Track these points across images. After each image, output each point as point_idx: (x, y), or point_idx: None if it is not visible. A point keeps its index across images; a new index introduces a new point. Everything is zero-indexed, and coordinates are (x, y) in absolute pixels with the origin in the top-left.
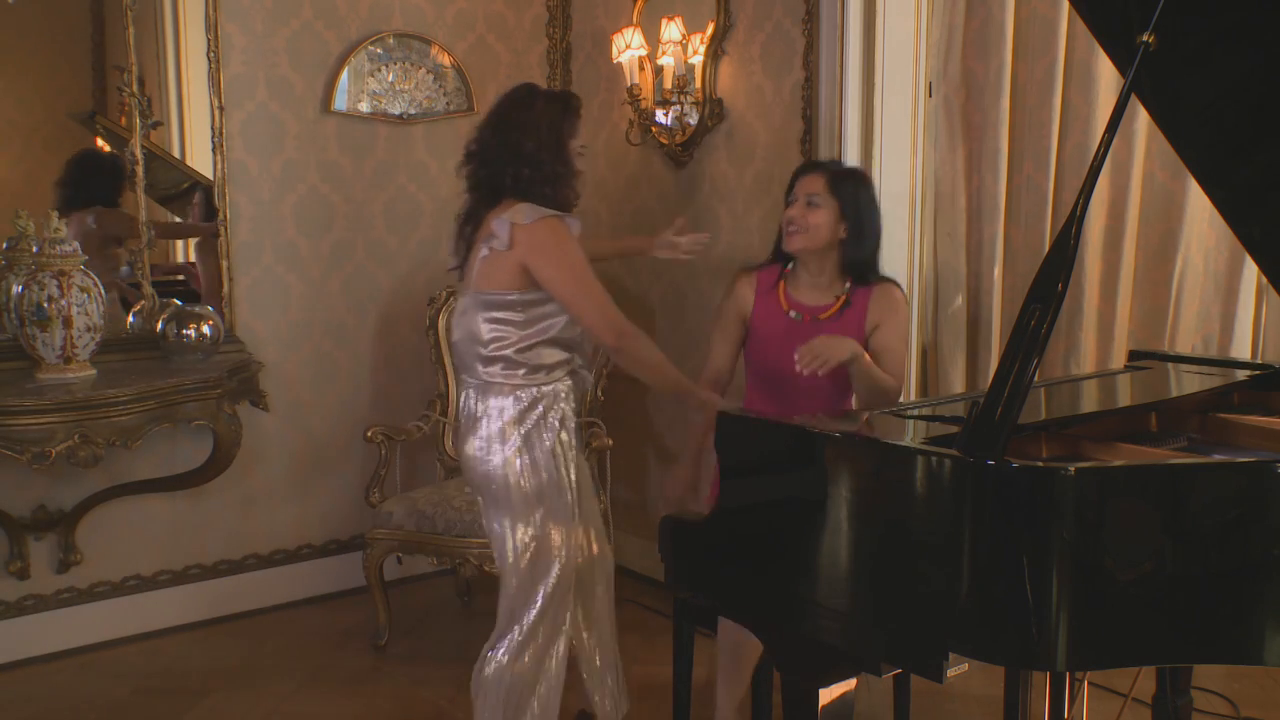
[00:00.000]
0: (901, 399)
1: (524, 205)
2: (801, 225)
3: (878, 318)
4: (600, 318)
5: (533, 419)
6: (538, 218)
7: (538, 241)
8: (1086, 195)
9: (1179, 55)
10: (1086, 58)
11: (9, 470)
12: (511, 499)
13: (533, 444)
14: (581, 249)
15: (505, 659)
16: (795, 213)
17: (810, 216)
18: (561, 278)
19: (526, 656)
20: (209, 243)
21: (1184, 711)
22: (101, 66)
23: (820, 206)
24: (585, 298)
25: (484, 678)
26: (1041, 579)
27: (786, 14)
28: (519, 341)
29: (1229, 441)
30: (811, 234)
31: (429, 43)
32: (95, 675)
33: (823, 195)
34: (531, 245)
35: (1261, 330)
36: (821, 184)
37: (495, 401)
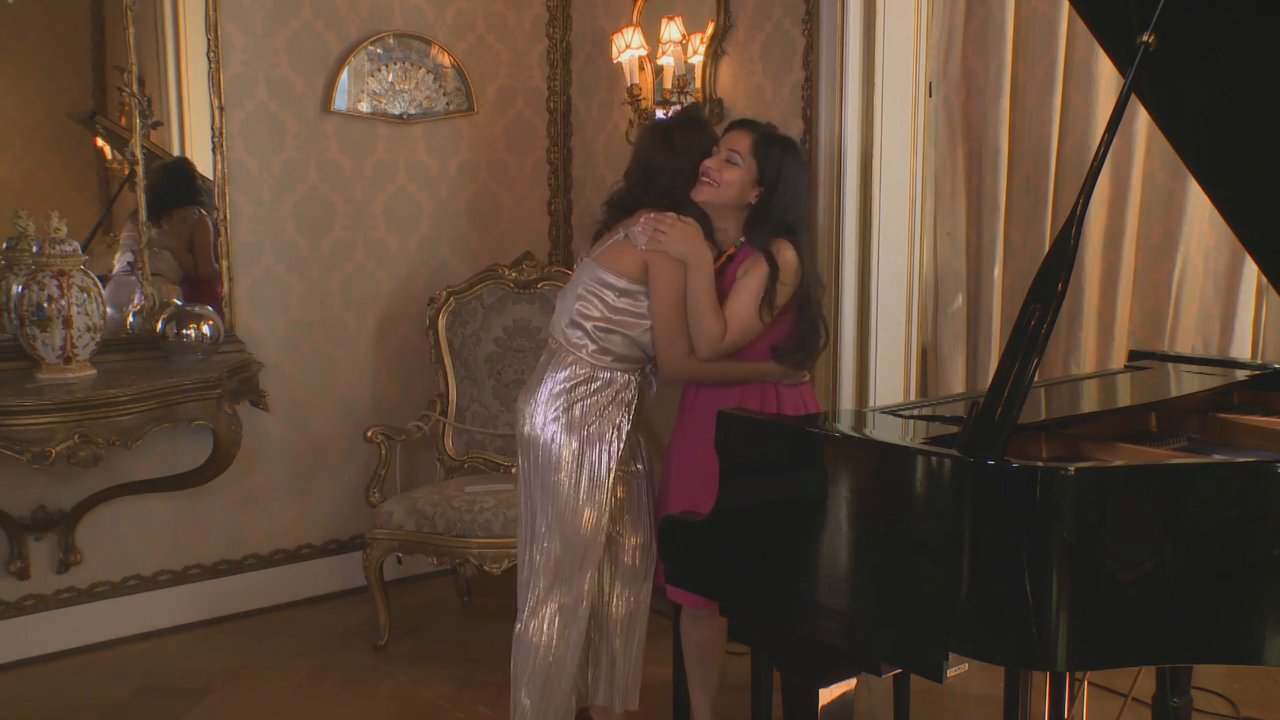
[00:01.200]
0: (901, 399)
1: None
2: (714, 179)
3: (747, 269)
4: (665, 347)
5: (584, 393)
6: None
7: (664, 255)
8: (1086, 195)
9: (1179, 55)
10: (1086, 58)
11: (9, 470)
12: (540, 465)
13: (574, 420)
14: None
15: (520, 627)
16: (712, 164)
17: (725, 173)
18: (660, 293)
19: (536, 629)
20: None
21: (1184, 711)
22: (101, 66)
23: (738, 165)
24: (665, 322)
25: (516, 642)
26: (1041, 579)
27: (786, 14)
28: (601, 320)
29: (1229, 441)
30: (721, 190)
31: (429, 43)
32: (95, 675)
33: (744, 155)
34: (658, 256)
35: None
36: (746, 143)
37: (554, 369)
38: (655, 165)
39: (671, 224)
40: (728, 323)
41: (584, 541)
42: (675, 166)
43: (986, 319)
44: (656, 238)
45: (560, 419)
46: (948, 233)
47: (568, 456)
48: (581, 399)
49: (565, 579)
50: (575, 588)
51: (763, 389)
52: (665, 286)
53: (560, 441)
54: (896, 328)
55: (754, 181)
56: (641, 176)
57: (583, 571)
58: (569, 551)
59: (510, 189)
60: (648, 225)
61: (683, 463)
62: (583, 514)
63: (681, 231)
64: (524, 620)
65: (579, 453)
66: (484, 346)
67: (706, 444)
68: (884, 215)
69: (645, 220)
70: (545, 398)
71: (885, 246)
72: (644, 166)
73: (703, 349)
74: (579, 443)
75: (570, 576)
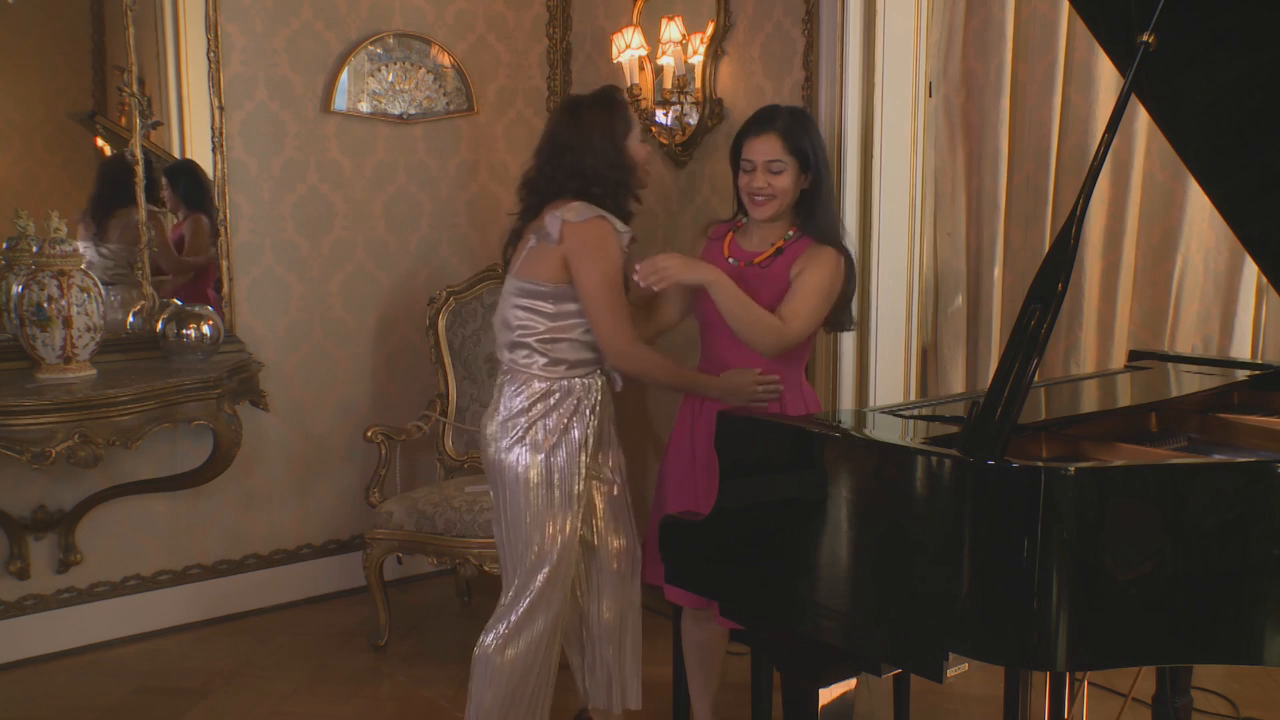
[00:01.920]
0: (901, 399)
1: (579, 203)
2: (770, 192)
3: (799, 267)
4: (607, 331)
5: (542, 410)
6: (589, 216)
7: (582, 239)
8: (1086, 195)
9: (1179, 55)
10: (1086, 58)
11: (9, 470)
12: (509, 486)
13: (537, 435)
14: (622, 258)
15: (492, 646)
16: (760, 183)
17: (776, 181)
18: (590, 280)
19: (517, 647)
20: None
21: (1184, 711)
22: (101, 66)
23: (784, 169)
24: (603, 307)
25: (474, 660)
26: (1041, 579)
27: (786, 14)
28: (545, 332)
29: (1229, 441)
30: (780, 199)
31: (429, 43)
32: (95, 675)
33: (783, 157)
34: (576, 242)
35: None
36: (778, 145)
37: (510, 388)
38: (562, 142)
39: (666, 260)
40: (791, 317)
41: (559, 559)
42: (583, 144)
43: (986, 319)
44: (662, 276)
45: (523, 440)
46: (948, 233)
47: (534, 478)
48: (542, 416)
49: (545, 600)
50: (553, 608)
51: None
52: (589, 273)
53: (525, 462)
54: (896, 328)
55: (800, 174)
56: (551, 154)
57: (561, 591)
58: (549, 569)
59: (510, 189)
60: (646, 275)
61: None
62: (556, 532)
63: (679, 261)
64: (496, 642)
65: (546, 472)
66: (484, 346)
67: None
68: (884, 215)
69: (642, 272)
70: (505, 420)
71: (885, 246)
72: (553, 143)
73: (769, 348)
74: (545, 462)
75: (549, 597)
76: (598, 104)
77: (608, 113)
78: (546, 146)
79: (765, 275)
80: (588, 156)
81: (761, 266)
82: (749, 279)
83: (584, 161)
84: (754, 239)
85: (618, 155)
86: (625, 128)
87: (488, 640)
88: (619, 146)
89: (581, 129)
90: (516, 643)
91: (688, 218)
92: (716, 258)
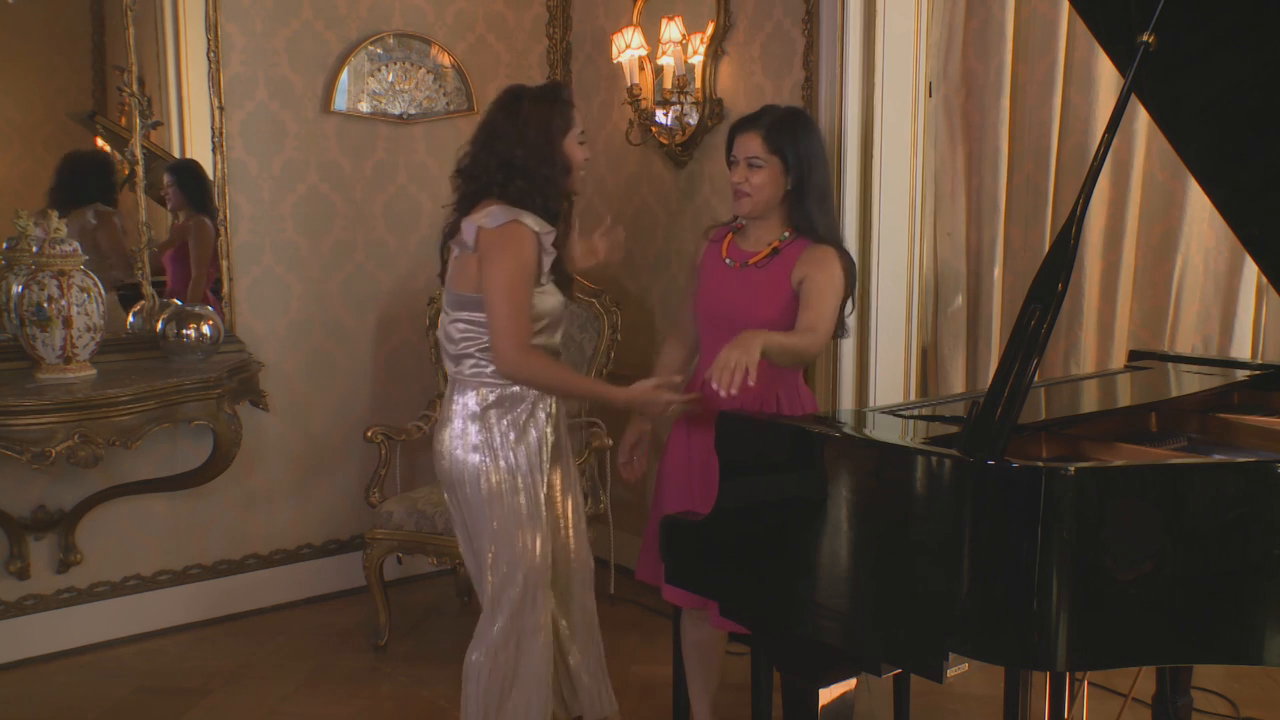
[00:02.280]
0: (901, 399)
1: (495, 207)
2: (746, 189)
3: (803, 271)
4: (500, 336)
5: (496, 417)
6: (504, 221)
7: (492, 243)
8: (1086, 195)
9: (1179, 55)
10: (1086, 58)
11: (9, 470)
12: (469, 497)
13: (494, 442)
14: (533, 261)
15: (481, 658)
16: (738, 178)
17: (754, 177)
18: (493, 283)
19: (502, 657)
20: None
21: (1184, 711)
22: (101, 66)
23: (762, 167)
24: (501, 311)
25: (464, 674)
26: (1041, 579)
27: (786, 14)
28: (487, 341)
29: (1229, 441)
30: (756, 197)
31: (429, 43)
32: (95, 675)
33: (762, 155)
34: (487, 246)
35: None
36: (759, 144)
37: (460, 398)
38: (498, 130)
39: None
40: (816, 323)
41: (532, 568)
42: (517, 135)
43: (986, 319)
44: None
45: (478, 449)
46: (948, 233)
47: (495, 487)
48: (496, 423)
49: (525, 610)
50: (535, 617)
51: (762, 389)
52: (493, 276)
53: (484, 472)
54: (896, 328)
55: (783, 174)
56: (484, 141)
57: (540, 599)
58: (522, 579)
59: None
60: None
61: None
62: (527, 539)
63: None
64: (482, 655)
65: (507, 480)
66: None
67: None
68: (884, 215)
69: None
70: (460, 429)
71: (885, 246)
72: (489, 130)
73: (813, 359)
74: (504, 470)
75: (528, 606)
76: (540, 97)
77: (547, 107)
78: (481, 133)
79: (761, 275)
80: (518, 148)
81: (758, 266)
82: (745, 280)
83: (513, 153)
84: (751, 239)
85: (550, 151)
86: (564, 125)
87: (474, 656)
88: (553, 143)
89: (517, 120)
90: (504, 653)
91: (688, 218)
92: (715, 259)
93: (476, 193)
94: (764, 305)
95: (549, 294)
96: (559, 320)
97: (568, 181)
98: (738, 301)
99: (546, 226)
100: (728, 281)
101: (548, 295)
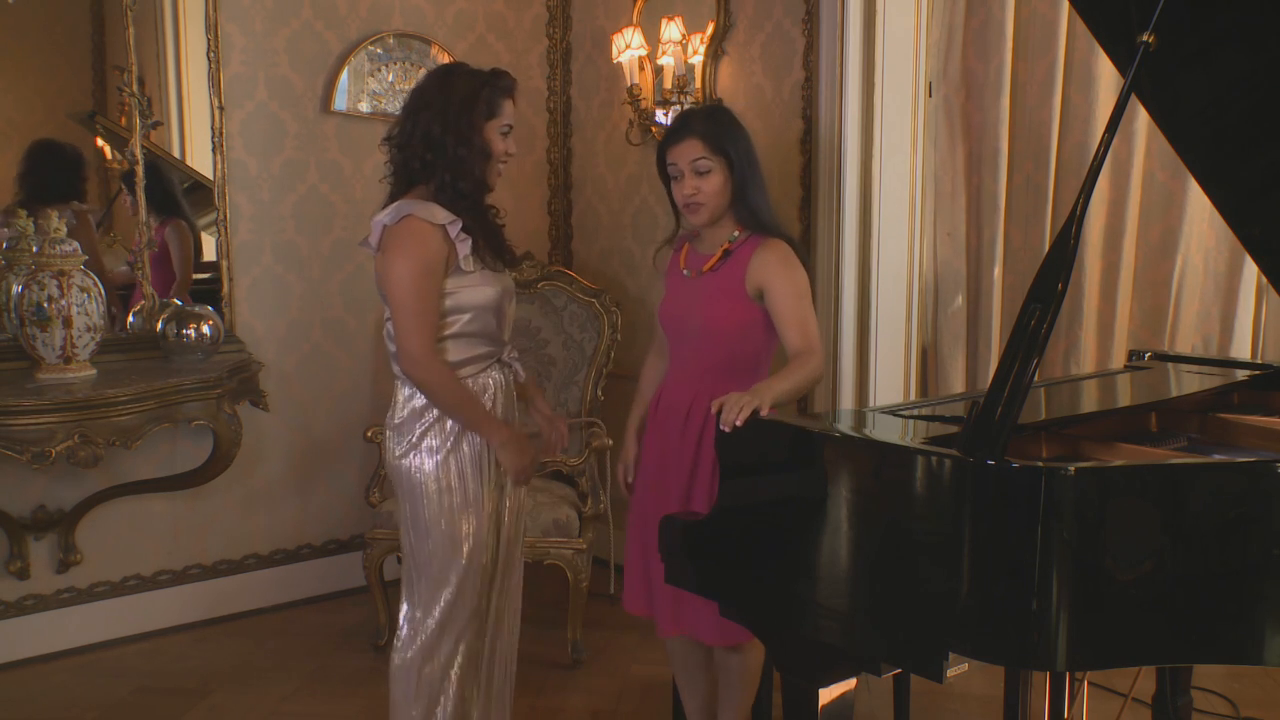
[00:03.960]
0: (901, 399)
1: (399, 203)
2: (700, 198)
3: (761, 277)
4: (402, 333)
5: (438, 415)
6: (402, 215)
7: (390, 240)
8: (1086, 195)
9: (1179, 55)
10: (1086, 58)
11: (9, 470)
12: (411, 495)
13: (435, 440)
14: (436, 257)
15: (411, 661)
16: (688, 189)
17: (705, 184)
18: (392, 280)
19: (433, 662)
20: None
21: (1184, 711)
22: (101, 66)
23: (711, 170)
24: (402, 307)
25: (391, 675)
26: (1041, 579)
27: (786, 14)
28: None
29: (1229, 441)
30: (711, 202)
31: (429, 43)
32: (95, 675)
33: (708, 156)
34: (387, 242)
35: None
36: (701, 148)
37: (405, 392)
38: (425, 100)
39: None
40: (805, 336)
41: (469, 567)
42: (442, 106)
43: (986, 319)
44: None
45: (420, 446)
46: (948, 233)
47: (438, 484)
48: (438, 419)
49: (461, 613)
50: (468, 620)
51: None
52: (392, 272)
53: (426, 468)
54: (896, 328)
55: (729, 174)
56: (412, 110)
57: (475, 601)
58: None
59: (510, 189)
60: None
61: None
62: (464, 539)
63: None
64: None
65: (448, 477)
66: None
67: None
68: (884, 215)
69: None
70: (400, 425)
71: (885, 246)
72: (417, 100)
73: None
74: (446, 466)
75: (462, 609)
76: (473, 75)
77: (477, 88)
78: (410, 101)
79: (715, 281)
80: (437, 122)
81: (712, 272)
82: (700, 288)
83: (432, 127)
84: (706, 244)
85: (470, 132)
86: (489, 110)
87: (409, 655)
88: (474, 124)
89: (443, 92)
90: (436, 657)
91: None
92: (675, 270)
93: (404, 164)
94: (719, 313)
95: (478, 285)
96: (497, 308)
97: (485, 169)
98: (695, 310)
99: (450, 216)
100: (685, 291)
101: (477, 288)
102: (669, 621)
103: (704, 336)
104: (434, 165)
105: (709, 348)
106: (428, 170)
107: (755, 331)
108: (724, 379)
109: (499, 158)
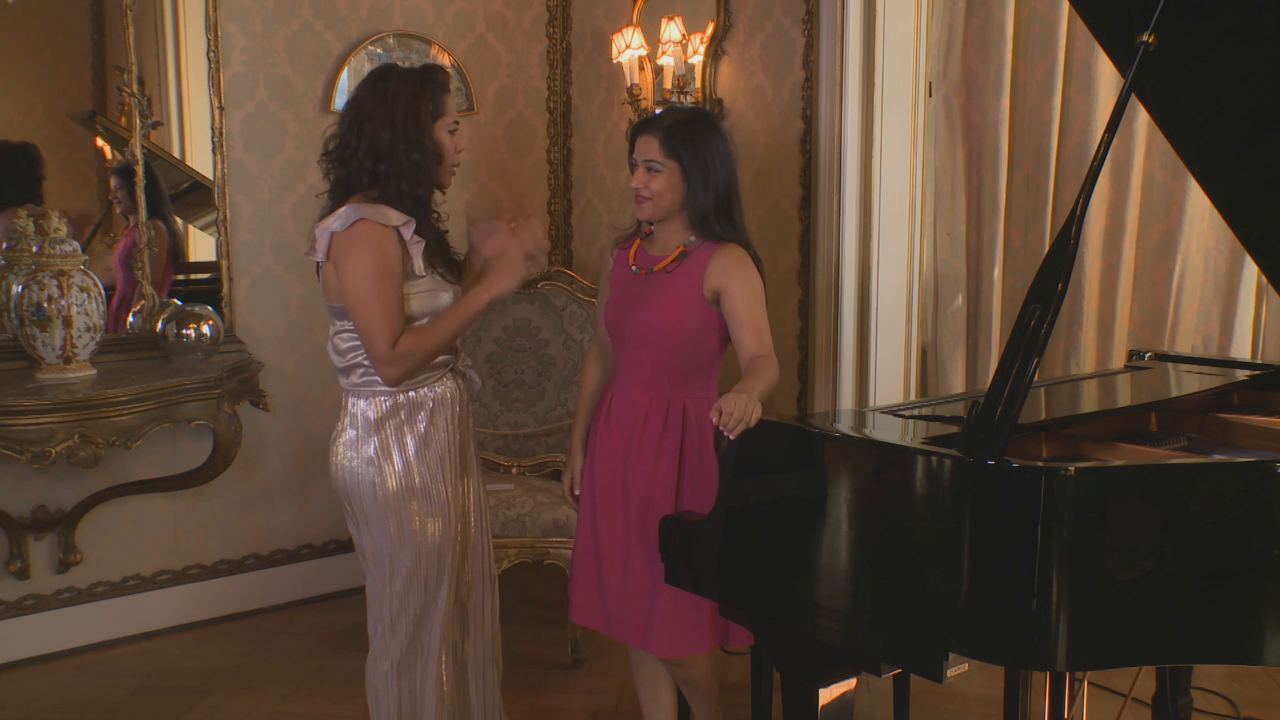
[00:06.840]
0: (901, 399)
1: (345, 209)
2: (645, 194)
3: (719, 281)
4: (369, 339)
5: (393, 428)
6: (352, 221)
7: (342, 246)
8: (1086, 195)
9: (1179, 55)
10: (1086, 58)
11: (9, 470)
12: (369, 512)
13: (391, 452)
14: (394, 258)
15: (383, 672)
16: (637, 183)
17: (653, 183)
18: (349, 285)
19: (406, 675)
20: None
21: (1184, 711)
22: (101, 66)
23: (660, 171)
24: (364, 313)
25: (366, 685)
26: (1041, 579)
27: (786, 14)
28: None
29: (1229, 441)
30: (657, 200)
31: (429, 43)
32: (95, 675)
33: (659, 159)
34: (338, 250)
35: (1261, 330)
36: (655, 147)
37: (354, 409)
38: (365, 110)
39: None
40: (758, 340)
41: (433, 577)
42: (384, 114)
43: (986, 319)
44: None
45: (375, 461)
46: (948, 233)
47: (396, 498)
48: (394, 432)
49: (424, 620)
50: (435, 632)
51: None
52: (348, 278)
53: (382, 483)
54: (896, 328)
55: (681, 178)
56: (353, 121)
57: (442, 611)
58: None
59: (510, 189)
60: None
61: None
62: (429, 554)
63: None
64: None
65: (407, 490)
66: (484, 346)
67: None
68: (884, 215)
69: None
70: (353, 439)
71: (885, 246)
72: (355, 109)
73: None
74: (404, 479)
75: (430, 615)
76: (408, 76)
77: (417, 89)
78: (348, 112)
79: (668, 281)
80: (384, 130)
81: (666, 272)
82: (652, 286)
83: (380, 135)
84: (658, 244)
85: (419, 135)
86: (435, 110)
87: (384, 665)
88: (422, 127)
89: (384, 99)
90: (415, 667)
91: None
92: (623, 267)
93: (348, 179)
94: (671, 312)
95: (433, 292)
96: None
97: (438, 171)
98: (645, 309)
99: (404, 218)
100: (635, 289)
101: (433, 294)
102: (622, 632)
103: (658, 336)
104: (386, 175)
105: (664, 348)
106: (376, 181)
107: (709, 334)
108: (680, 380)
109: (451, 158)
